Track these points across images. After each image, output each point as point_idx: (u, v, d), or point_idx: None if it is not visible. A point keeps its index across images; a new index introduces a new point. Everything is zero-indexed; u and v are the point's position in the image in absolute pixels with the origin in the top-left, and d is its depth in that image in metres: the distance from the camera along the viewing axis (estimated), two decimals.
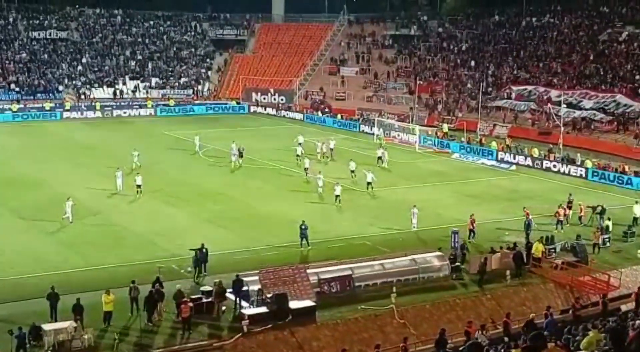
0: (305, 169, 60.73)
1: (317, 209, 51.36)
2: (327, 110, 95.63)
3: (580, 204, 49.04)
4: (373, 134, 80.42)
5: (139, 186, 53.02)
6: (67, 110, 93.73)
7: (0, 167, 63.22)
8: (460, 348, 23.15)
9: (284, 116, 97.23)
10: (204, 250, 38.60)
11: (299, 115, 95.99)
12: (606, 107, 78.25)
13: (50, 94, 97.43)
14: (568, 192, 52.93)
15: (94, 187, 55.48)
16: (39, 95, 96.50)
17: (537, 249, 40.81)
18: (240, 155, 64.55)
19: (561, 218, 47.39)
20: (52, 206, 50.45)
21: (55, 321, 32.17)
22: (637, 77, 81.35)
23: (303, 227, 42.84)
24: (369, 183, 55.61)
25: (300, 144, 69.79)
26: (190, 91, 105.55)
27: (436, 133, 78.44)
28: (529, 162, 67.31)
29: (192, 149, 70.90)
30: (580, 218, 48.38)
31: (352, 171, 59.62)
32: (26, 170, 61.26)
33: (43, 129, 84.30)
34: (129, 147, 65.07)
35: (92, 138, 78.91)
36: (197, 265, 38.34)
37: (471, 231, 44.64)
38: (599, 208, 48.65)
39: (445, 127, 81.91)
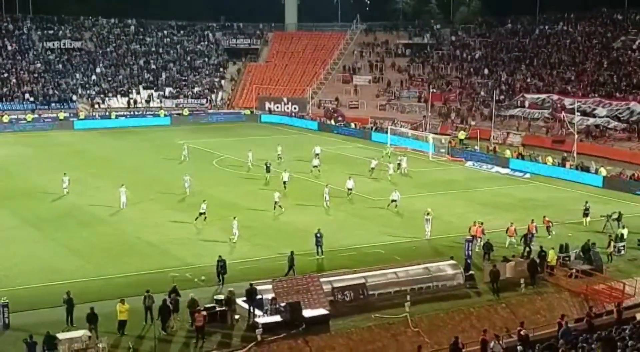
0: (284, 183, 58.37)
1: (331, 218, 51.29)
2: (340, 118, 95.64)
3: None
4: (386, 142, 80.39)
5: (202, 213, 48.78)
6: (81, 120, 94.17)
7: (15, 177, 63.61)
8: None
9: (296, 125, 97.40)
10: (222, 262, 38.32)
11: (312, 124, 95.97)
12: (620, 115, 78.11)
13: (65, 104, 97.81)
14: (584, 200, 52.75)
15: (106, 196, 55.61)
16: (53, 105, 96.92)
17: (552, 257, 40.67)
18: (267, 170, 62.28)
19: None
20: (65, 216, 50.84)
21: (72, 326, 32.48)
22: None
23: (318, 235, 42.85)
24: (393, 200, 53.62)
25: (317, 154, 69.88)
26: (204, 100, 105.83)
27: (450, 142, 78.23)
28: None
29: (202, 158, 71.14)
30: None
31: (350, 189, 56.94)
32: (40, 181, 61.45)
33: (57, 139, 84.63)
34: (143, 158, 65.34)
35: (105, 148, 79.20)
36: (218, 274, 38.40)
37: (533, 235, 44.72)
38: (615, 214, 48.52)
39: (462, 134, 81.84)
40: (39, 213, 51.72)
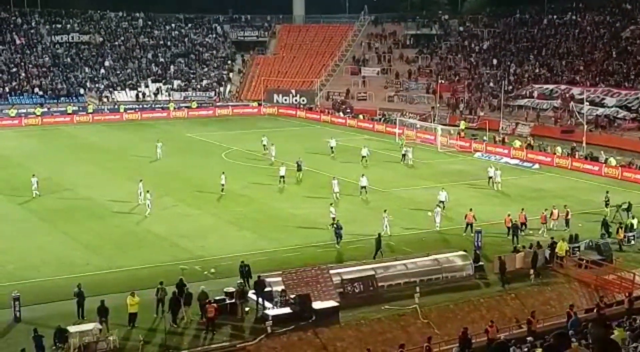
0: (282, 177, 57.41)
1: (341, 210, 51.16)
2: (348, 110, 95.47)
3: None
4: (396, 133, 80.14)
5: (333, 219, 45.77)
6: (90, 114, 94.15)
7: (23, 170, 63.62)
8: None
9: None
10: (247, 267, 37.08)
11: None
12: (629, 105, 77.84)
13: (73, 98, 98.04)
14: (594, 191, 52.58)
15: (116, 190, 55.75)
16: (62, 98, 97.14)
17: (561, 248, 40.60)
18: (299, 168, 59.84)
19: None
20: (75, 209, 50.95)
21: (83, 319, 32.64)
22: None
23: (336, 226, 43.34)
24: (441, 202, 50.05)
25: (332, 147, 69.86)
26: (212, 93, 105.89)
27: (459, 132, 78.03)
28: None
29: (209, 151, 71.21)
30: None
31: (363, 187, 54.56)
32: (49, 174, 61.48)
33: (66, 132, 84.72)
34: (150, 150, 65.37)
35: (114, 141, 79.22)
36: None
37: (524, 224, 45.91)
38: (625, 204, 48.42)
39: (463, 124, 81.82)
40: (49, 206, 51.84)
